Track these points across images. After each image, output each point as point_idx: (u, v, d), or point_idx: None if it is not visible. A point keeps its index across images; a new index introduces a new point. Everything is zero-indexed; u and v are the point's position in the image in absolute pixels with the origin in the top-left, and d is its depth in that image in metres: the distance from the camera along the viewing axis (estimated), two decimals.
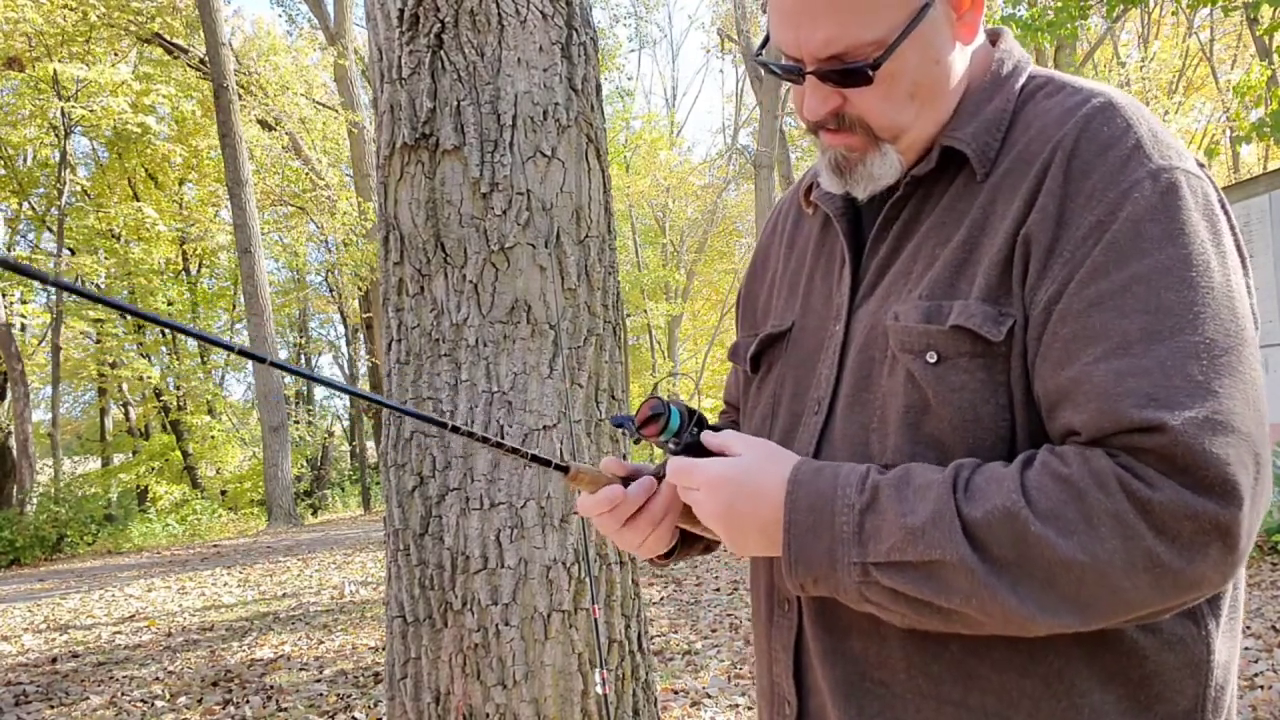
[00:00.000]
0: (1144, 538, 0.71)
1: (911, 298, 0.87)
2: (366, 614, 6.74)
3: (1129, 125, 0.81)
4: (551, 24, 2.44)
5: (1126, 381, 0.73)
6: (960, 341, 0.82)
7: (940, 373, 0.82)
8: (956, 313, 0.82)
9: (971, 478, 0.77)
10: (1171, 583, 0.71)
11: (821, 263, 1.02)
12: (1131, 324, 0.75)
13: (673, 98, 41.75)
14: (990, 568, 0.73)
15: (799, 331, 1.01)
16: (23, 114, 17.30)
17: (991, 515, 0.74)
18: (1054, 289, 0.79)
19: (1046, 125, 0.84)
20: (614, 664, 2.39)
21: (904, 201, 0.92)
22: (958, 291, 0.84)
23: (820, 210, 1.03)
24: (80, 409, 27.38)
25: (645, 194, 24.88)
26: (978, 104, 0.90)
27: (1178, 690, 0.81)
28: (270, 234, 22.18)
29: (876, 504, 0.79)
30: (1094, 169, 0.79)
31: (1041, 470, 0.75)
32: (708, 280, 27.98)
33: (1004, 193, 0.84)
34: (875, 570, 0.78)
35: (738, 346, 1.13)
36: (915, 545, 0.76)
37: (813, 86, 0.88)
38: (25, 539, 14.46)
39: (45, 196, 19.44)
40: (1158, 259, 0.75)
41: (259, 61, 19.90)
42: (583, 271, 2.45)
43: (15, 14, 14.98)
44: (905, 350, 0.85)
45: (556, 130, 2.43)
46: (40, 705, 4.90)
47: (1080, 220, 0.79)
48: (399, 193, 2.43)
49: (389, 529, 2.44)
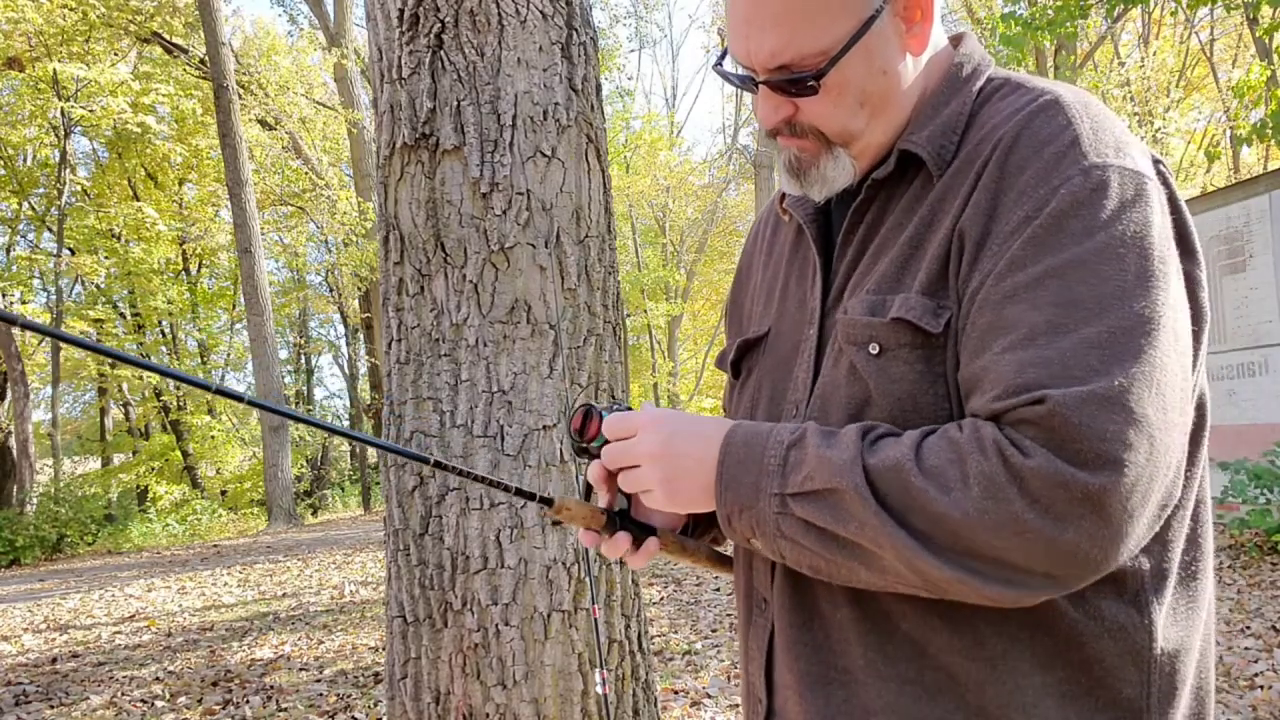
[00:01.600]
0: (1012, 501, 0.73)
1: (860, 292, 0.90)
2: (366, 614, 6.74)
3: (1069, 122, 0.82)
4: (551, 24, 2.44)
5: (1027, 371, 0.75)
6: (900, 333, 0.84)
7: (881, 364, 0.85)
8: (897, 305, 0.85)
9: (879, 433, 0.82)
10: (1043, 549, 0.73)
11: (796, 268, 1.04)
12: (1040, 316, 0.76)
13: (673, 98, 41.76)
14: (879, 506, 0.77)
15: (775, 336, 1.04)
16: (23, 114, 17.30)
17: (884, 463, 0.78)
18: (977, 281, 0.81)
19: (996, 125, 0.86)
20: (614, 664, 2.39)
21: (867, 205, 0.95)
22: (901, 285, 0.87)
23: (794, 217, 1.05)
24: (80, 409, 27.39)
25: (645, 194, 24.88)
26: (935, 107, 0.92)
27: (1120, 677, 0.82)
28: (270, 234, 22.18)
29: (802, 442, 0.83)
30: (1029, 165, 0.81)
31: (939, 435, 0.79)
32: (708, 280, 27.98)
33: (951, 190, 0.86)
34: (791, 501, 0.82)
35: (724, 354, 1.15)
36: (822, 473, 0.80)
37: (765, 95, 0.92)
38: (25, 539, 14.46)
39: (45, 196, 19.45)
40: (1073, 253, 0.77)
41: (259, 61, 19.90)
42: (583, 271, 2.45)
43: (15, 14, 14.97)
44: (850, 342, 0.88)
45: (556, 130, 2.43)
46: (40, 705, 4.90)
47: (1010, 215, 0.81)
48: (399, 193, 2.43)
49: (389, 529, 2.44)
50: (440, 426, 2.33)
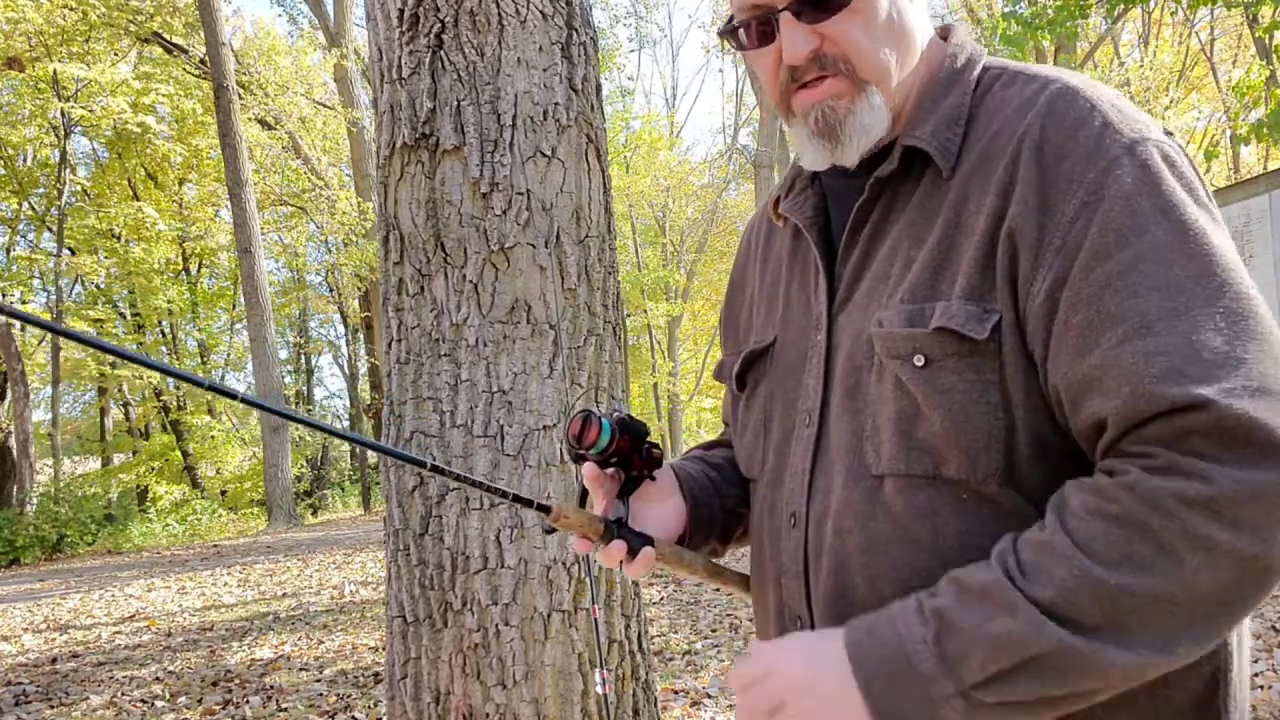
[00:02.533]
0: (1221, 541, 0.68)
1: (893, 303, 0.85)
2: (366, 614, 6.74)
3: (1091, 104, 0.80)
4: (551, 24, 2.44)
5: (1156, 361, 0.71)
6: (945, 343, 0.81)
7: (928, 376, 0.81)
8: (939, 314, 0.81)
9: (1020, 558, 0.74)
10: (1263, 569, 0.68)
11: (796, 274, 1.01)
12: (1148, 303, 0.73)
13: (673, 98, 41.77)
14: (1087, 638, 0.70)
15: (781, 345, 1.00)
16: (23, 114, 17.30)
17: (1063, 588, 0.71)
18: (1053, 277, 0.77)
19: (1009, 117, 0.84)
20: (614, 664, 2.39)
21: (871, 204, 0.91)
22: (938, 293, 0.83)
23: (790, 222, 1.02)
24: (80, 409, 27.39)
25: (645, 194, 24.88)
26: (934, 100, 0.89)
27: (1191, 669, 0.80)
28: (270, 234, 22.18)
29: (945, 629, 0.74)
30: (1067, 152, 0.79)
31: (1088, 517, 0.72)
32: (708, 280, 27.98)
33: (974, 189, 0.83)
34: (977, 692, 0.73)
35: (723, 366, 1.12)
36: (1004, 652, 0.71)
37: (789, 26, 0.86)
38: (25, 539, 14.46)
39: (45, 196, 19.45)
40: (1156, 235, 0.75)
41: (259, 61, 19.90)
42: (583, 271, 2.45)
43: (15, 14, 14.97)
44: (892, 356, 0.84)
45: (556, 130, 2.43)
46: (40, 705, 4.90)
47: (1064, 205, 0.77)
48: (399, 193, 2.43)
49: (389, 529, 2.44)
50: (440, 426, 2.33)
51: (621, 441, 0.96)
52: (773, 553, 0.97)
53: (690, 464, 1.13)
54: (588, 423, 0.94)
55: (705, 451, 1.19)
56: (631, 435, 0.97)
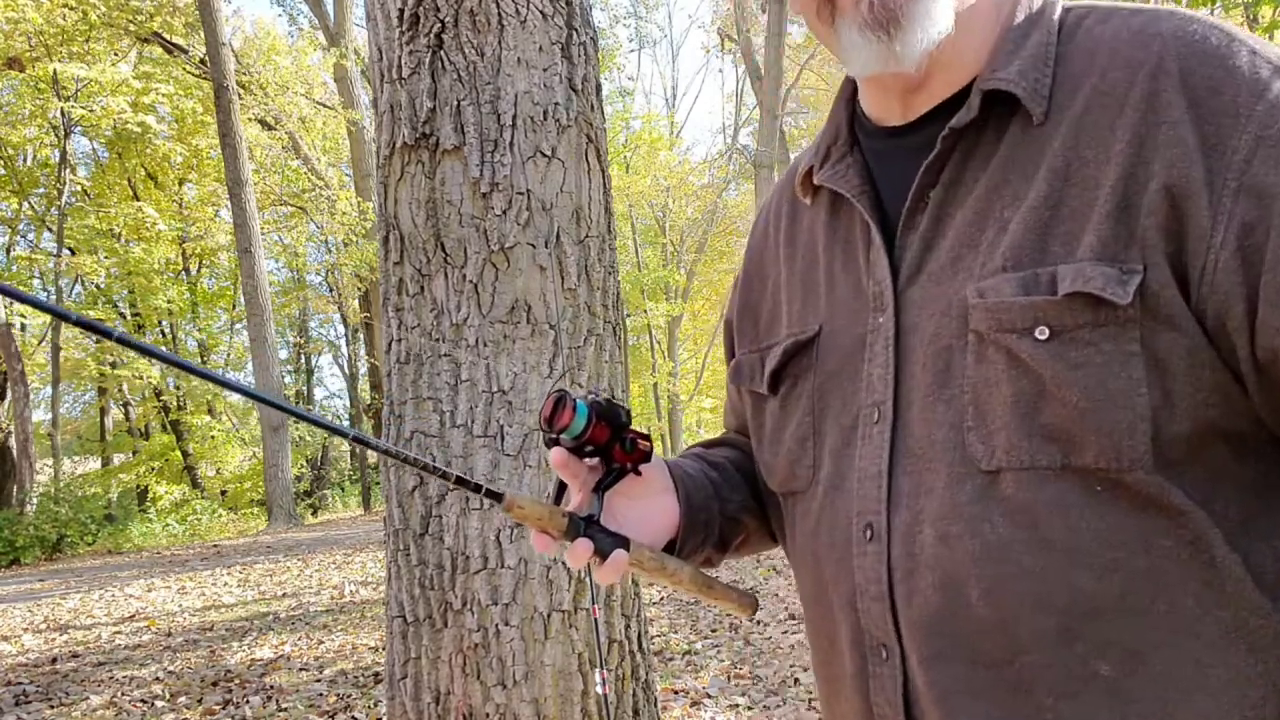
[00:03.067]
0: None
1: (992, 270, 0.74)
2: (366, 614, 6.74)
3: (1228, 33, 0.71)
4: (551, 24, 2.44)
5: None
6: (1078, 310, 0.69)
7: (1056, 350, 0.70)
8: (1070, 278, 0.69)
9: None
10: None
11: (838, 253, 0.88)
12: None
13: (673, 98, 41.77)
14: None
15: (829, 335, 0.87)
16: (23, 114, 17.31)
17: None
18: (1239, 224, 0.66)
19: (1119, 52, 0.74)
20: (614, 664, 2.39)
21: (942, 161, 0.79)
22: (1050, 255, 0.72)
23: (825, 194, 0.91)
24: (80, 409, 27.40)
25: (645, 194, 24.89)
26: (1015, 42, 0.79)
27: None
28: (270, 234, 22.19)
29: None
30: (1222, 85, 0.69)
31: None
32: (708, 280, 27.99)
33: (1089, 134, 0.72)
34: None
35: (741, 366, 0.99)
36: None
37: None
38: (25, 539, 14.47)
39: (45, 196, 19.45)
40: None
41: (259, 61, 19.91)
42: (583, 271, 2.45)
43: (15, 14, 14.98)
44: (1004, 330, 0.72)
45: (556, 130, 2.43)
46: (40, 705, 4.90)
47: (1232, 141, 0.67)
48: (399, 193, 2.43)
49: (389, 529, 2.44)
50: (440, 426, 2.33)
51: (599, 428, 0.83)
52: (839, 573, 0.82)
53: (688, 462, 1.01)
54: (560, 404, 0.83)
55: (706, 450, 1.08)
56: (610, 422, 0.84)
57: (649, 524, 0.92)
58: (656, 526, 0.92)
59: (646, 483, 0.91)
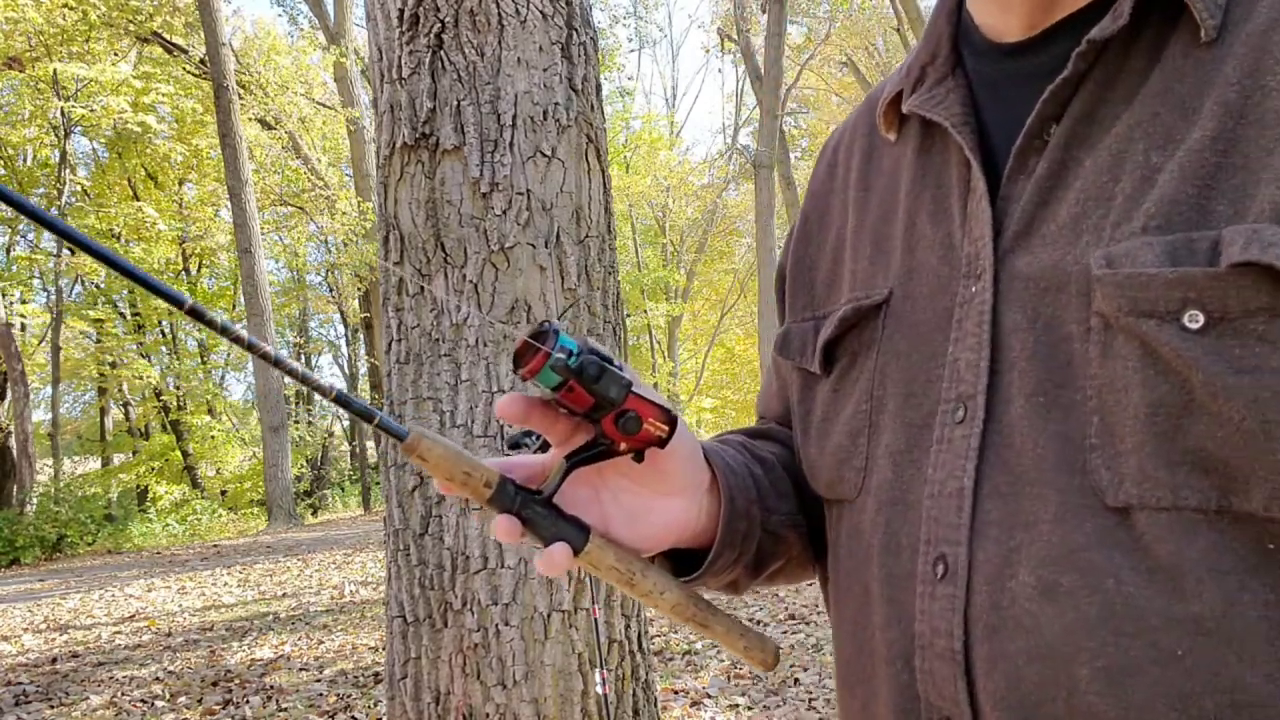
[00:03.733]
0: None
1: (1128, 231, 0.55)
2: (366, 614, 6.74)
3: None
4: (551, 24, 2.44)
5: None
6: (1249, 290, 0.49)
7: (1213, 345, 0.50)
8: (1241, 243, 0.49)
9: None
10: None
11: (926, 200, 0.69)
12: None
13: (673, 98, 41.82)
14: None
15: (903, 301, 0.68)
16: (23, 114, 17.32)
17: None
18: None
19: None
20: (614, 664, 2.39)
21: (1073, 86, 0.60)
22: (1213, 215, 0.52)
23: (915, 125, 0.71)
24: (80, 409, 27.41)
25: (645, 194, 24.90)
26: None
27: None
28: (270, 234, 22.20)
29: None
30: None
31: None
32: (708, 280, 28.00)
33: (1277, 57, 0.52)
34: None
35: (790, 336, 0.79)
36: None
37: None
38: (25, 539, 14.47)
39: (45, 196, 19.45)
40: None
41: (259, 61, 19.92)
42: (583, 271, 2.45)
43: (15, 14, 14.98)
44: (1142, 312, 0.53)
45: (556, 130, 2.43)
46: (40, 705, 4.90)
47: None
48: (399, 193, 2.43)
49: (389, 529, 2.44)
50: (440, 426, 2.33)
51: (576, 391, 0.59)
52: (892, 617, 0.63)
53: (730, 452, 0.77)
54: (539, 341, 0.59)
55: (749, 440, 0.84)
56: (593, 391, 0.59)
57: (644, 526, 0.68)
58: (651, 533, 0.68)
59: (661, 475, 0.67)
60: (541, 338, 0.59)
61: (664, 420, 0.63)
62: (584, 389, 0.59)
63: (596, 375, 0.60)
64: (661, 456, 0.65)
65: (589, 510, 0.67)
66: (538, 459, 0.67)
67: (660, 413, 0.63)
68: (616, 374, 0.60)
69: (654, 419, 0.63)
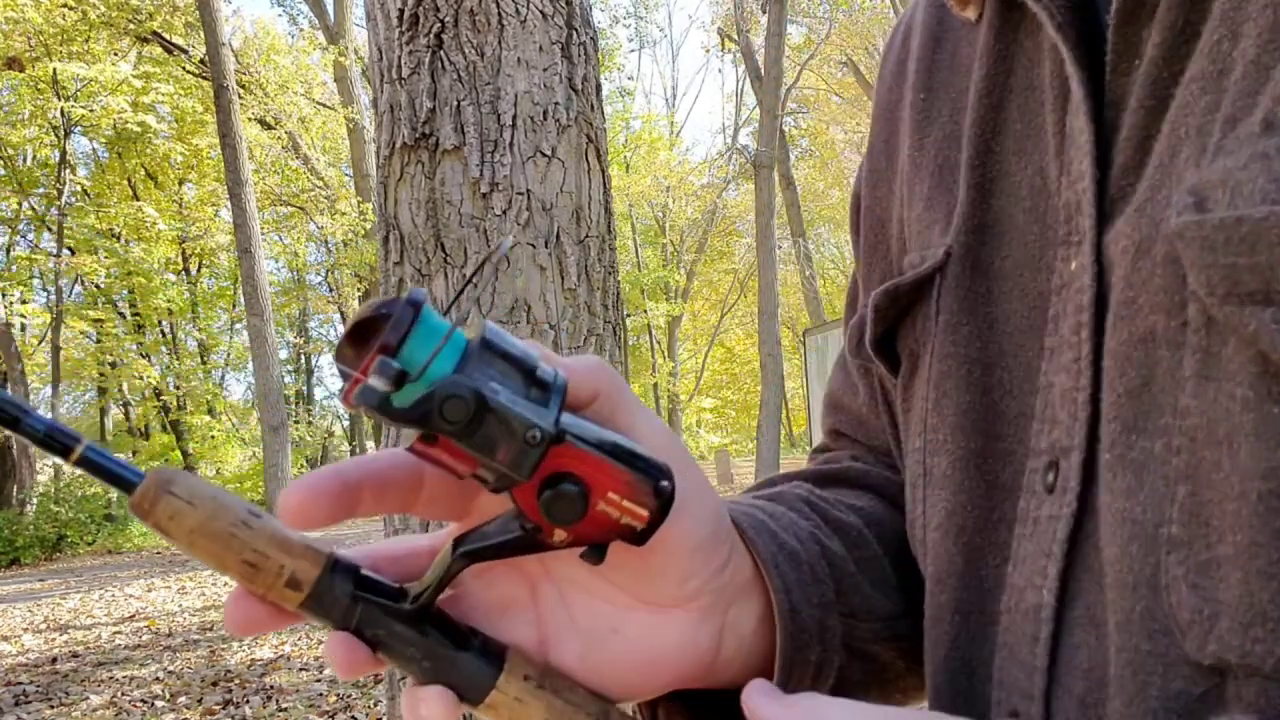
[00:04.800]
0: None
1: (1243, 135, 0.31)
2: None
3: None
4: (551, 24, 2.44)
5: None
6: None
7: None
8: None
9: None
10: None
11: (1011, 111, 0.45)
12: None
13: (673, 98, 41.81)
14: None
15: (968, 275, 0.45)
16: (23, 114, 17.32)
17: None
18: None
19: None
20: None
21: None
22: None
23: (994, 2, 0.46)
24: (80, 409, 27.40)
25: (645, 194, 24.92)
26: None
27: None
28: (270, 234, 22.21)
29: None
30: None
31: None
32: (708, 280, 28.02)
33: None
34: None
35: (860, 324, 0.52)
36: None
37: None
38: (25, 539, 14.48)
39: (45, 196, 19.46)
40: None
41: (259, 61, 19.92)
42: (583, 271, 2.45)
43: (15, 14, 14.99)
44: (1249, 296, 0.30)
45: (556, 130, 2.43)
46: (40, 705, 4.90)
47: None
48: (399, 193, 2.43)
49: (388, 529, 2.45)
50: None
51: (443, 442, 0.33)
52: None
53: (786, 518, 0.48)
54: (369, 334, 0.33)
55: (815, 490, 0.54)
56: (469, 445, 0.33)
57: (616, 654, 0.40)
58: (629, 664, 0.40)
59: (647, 572, 0.39)
60: (373, 329, 0.32)
61: (641, 496, 0.34)
62: (452, 441, 0.32)
63: (468, 416, 0.31)
64: (645, 550, 0.36)
65: (515, 620, 0.39)
66: (423, 540, 0.41)
67: (635, 481, 0.34)
68: (523, 412, 0.32)
69: (621, 492, 0.34)
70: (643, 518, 0.35)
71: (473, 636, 0.38)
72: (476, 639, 0.38)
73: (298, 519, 0.37)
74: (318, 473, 0.38)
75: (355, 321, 0.34)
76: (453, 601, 0.40)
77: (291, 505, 0.38)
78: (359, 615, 0.38)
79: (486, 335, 0.34)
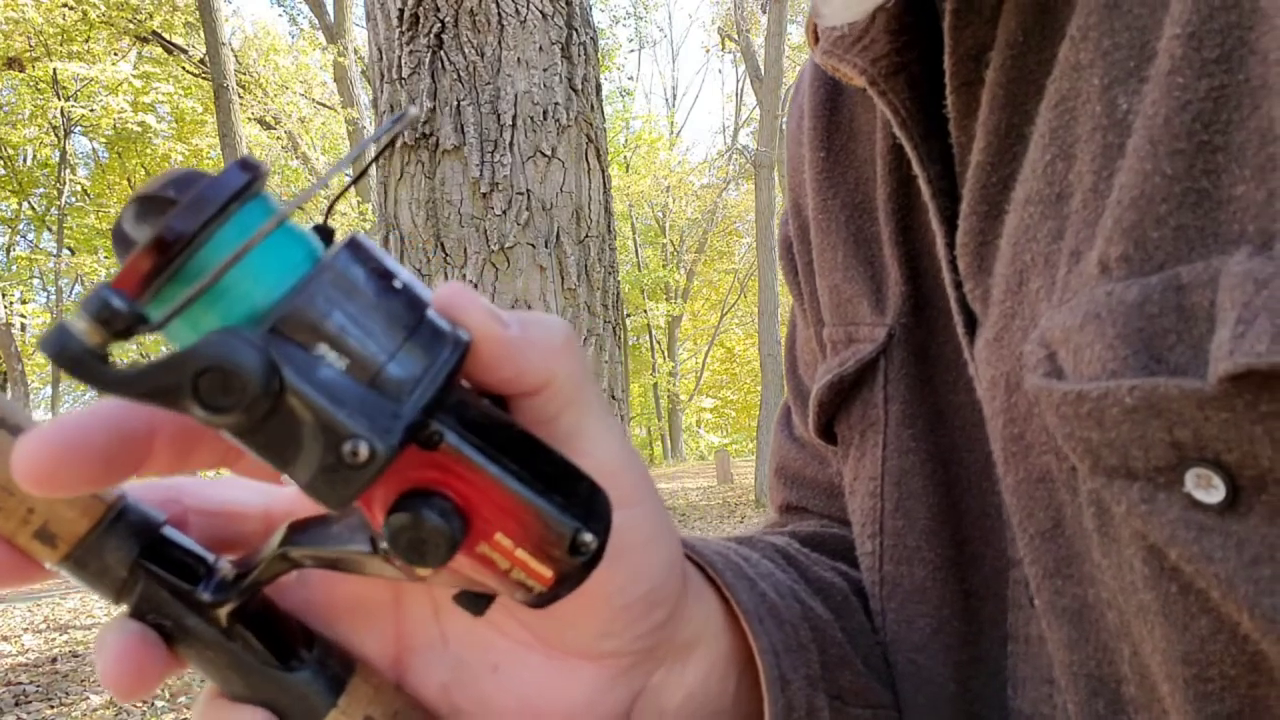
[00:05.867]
0: None
1: (1085, 273, 0.28)
2: None
3: None
4: (551, 24, 2.45)
5: None
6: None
7: (1242, 533, 0.24)
8: (1231, 324, 0.23)
9: None
10: None
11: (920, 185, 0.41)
12: None
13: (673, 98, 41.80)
14: None
15: (914, 361, 0.41)
16: (23, 114, 17.34)
17: None
18: None
19: None
20: None
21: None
22: (1219, 225, 0.25)
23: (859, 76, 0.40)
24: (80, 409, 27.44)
25: (645, 194, 24.92)
26: None
27: None
28: None
29: None
30: None
31: None
32: (708, 280, 28.03)
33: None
34: None
35: (800, 380, 0.52)
36: None
37: None
38: None
39: (45, 196, 19.48)
40: None
41: (259, 61, 19.94)
42: (583, 271, 2.46)
43: (15, 14, 15.00)
44: (1112, 471, 0.27)
45: (556, 130, 2.43)
46: (40, 705, 4.91)
47: None
48: (399, 193, 2.44)
49: None
50: None
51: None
52: None
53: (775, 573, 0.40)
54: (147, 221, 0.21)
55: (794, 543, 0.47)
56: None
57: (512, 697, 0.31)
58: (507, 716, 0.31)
59: (558, 618, 0.30)
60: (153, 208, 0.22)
61: (548, 547, 0.23)
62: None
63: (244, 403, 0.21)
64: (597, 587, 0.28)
65: (367, 627, 0.31)
66: (258, 499, 0.31)
67: (542, 523, 0.23)
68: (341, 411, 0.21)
69: (516, 537, 0.23)
70: (545, 579, 0.23)
71: (307, 646, 0.27)
72: (314, 649, 0.27)
73: (40, 482, 0.24)
74: (89, 410, 0.26)
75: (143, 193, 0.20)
76: (288, 589, 0.29)
77: (27, 460, 0.24)
78: (139, 594, 0.26)
79: (345, 252, 0.22)
